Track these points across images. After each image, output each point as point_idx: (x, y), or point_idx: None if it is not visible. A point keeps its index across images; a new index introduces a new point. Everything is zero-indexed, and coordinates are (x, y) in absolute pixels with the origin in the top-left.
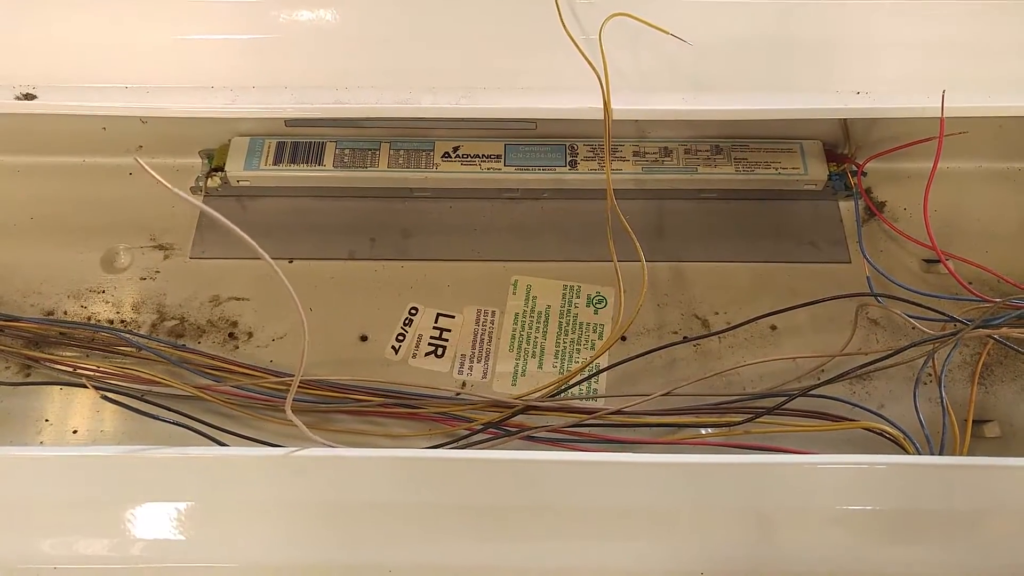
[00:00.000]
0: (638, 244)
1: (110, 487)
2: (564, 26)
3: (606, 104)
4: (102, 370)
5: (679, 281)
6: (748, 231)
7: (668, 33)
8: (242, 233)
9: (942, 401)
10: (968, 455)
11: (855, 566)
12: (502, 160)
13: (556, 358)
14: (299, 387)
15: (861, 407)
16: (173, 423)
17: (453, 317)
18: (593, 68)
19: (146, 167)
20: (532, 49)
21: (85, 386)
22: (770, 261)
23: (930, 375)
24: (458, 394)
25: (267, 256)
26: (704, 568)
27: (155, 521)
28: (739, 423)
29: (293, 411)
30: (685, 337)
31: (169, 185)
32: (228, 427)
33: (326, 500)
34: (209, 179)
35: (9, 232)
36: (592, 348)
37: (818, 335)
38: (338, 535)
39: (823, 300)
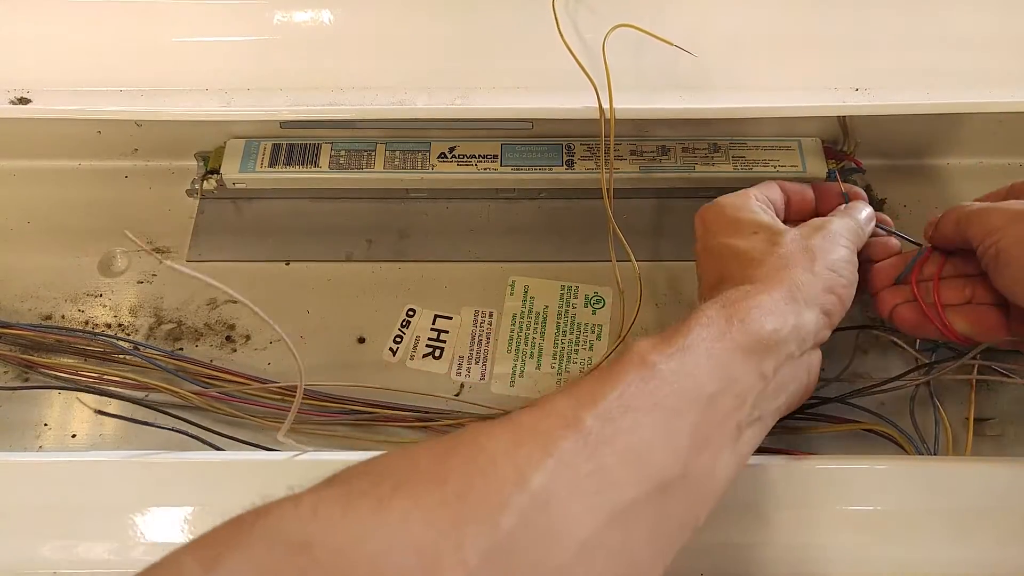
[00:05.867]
0: (629, 248)
1: (110, 492)
2: (561, 34)
3: (610, 113)
4: (100, 375)
5: (678, 280)
6: None
7: (672, 44)
8: (223, 286)
9: (934, 408)
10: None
11: (856, 566)
12: (498, 160)
13: (554, 359)
14: (293, 393)
15: (861, 407)
16: (171, 429)
17: (450, 318)
18: (590, 79)
19: (134, 238)
20: (528, 48)
21: (91, 389)
22: None
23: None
24: (456, 395)
25: (248, 301)
26: (704, 568)
27: (156, 526)
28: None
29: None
30: None
31: (160, 257)
32: (226, 432)
33: None
34: (205, 182)
35: (6, 237)
36: (590, 349)
37: None
38: None
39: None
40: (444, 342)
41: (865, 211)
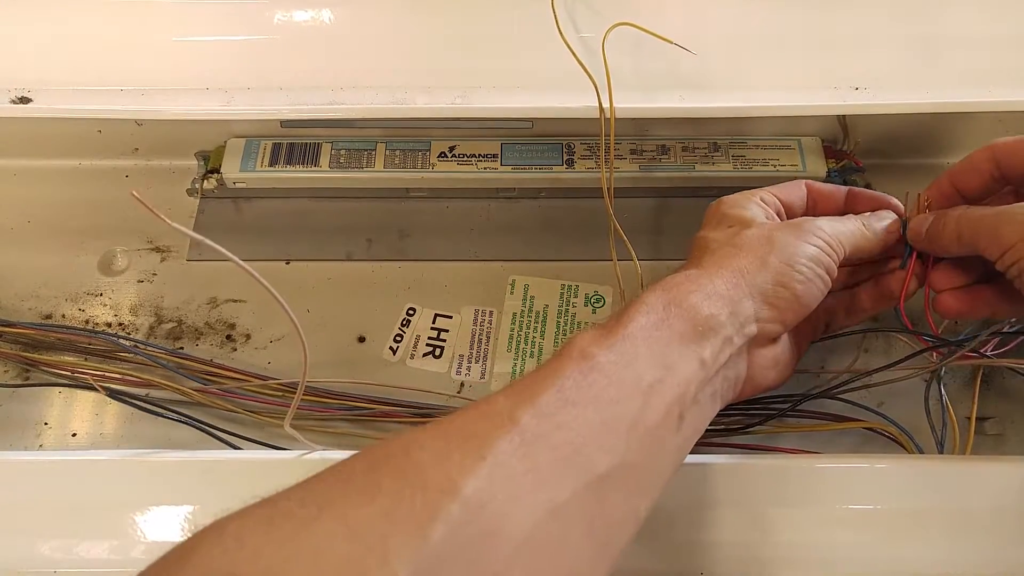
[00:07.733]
0: (631, 246)
1: (111, 491)
2: (561, 33)
3: (610, 112)
4: (100, 373)
5: None
6: None
7: (671, 42)
8: (236, 258)
9: (942, 400)
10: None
11: (857, 566)
12: (498, 159)
13: None
14: (293, 390)
15: (861, 406)
16: (182, 421)
17: (451, 317)
18: (591, 78)
19: (141, 199)
20: (528, 47)
21: (92, 387)
22: None
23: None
24: (457, 394)
25: (266, 282)
26: (704, 567)
27: (157, 525)
28: (757, 424)
29: (293, 417)
30: None
31: (165, 218)
32: (228, 429)
33: None
34: (205, 181)
35: (6, 236)
36: None
37: None
38: None
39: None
40: (444, 341)
41: (882, 222)
